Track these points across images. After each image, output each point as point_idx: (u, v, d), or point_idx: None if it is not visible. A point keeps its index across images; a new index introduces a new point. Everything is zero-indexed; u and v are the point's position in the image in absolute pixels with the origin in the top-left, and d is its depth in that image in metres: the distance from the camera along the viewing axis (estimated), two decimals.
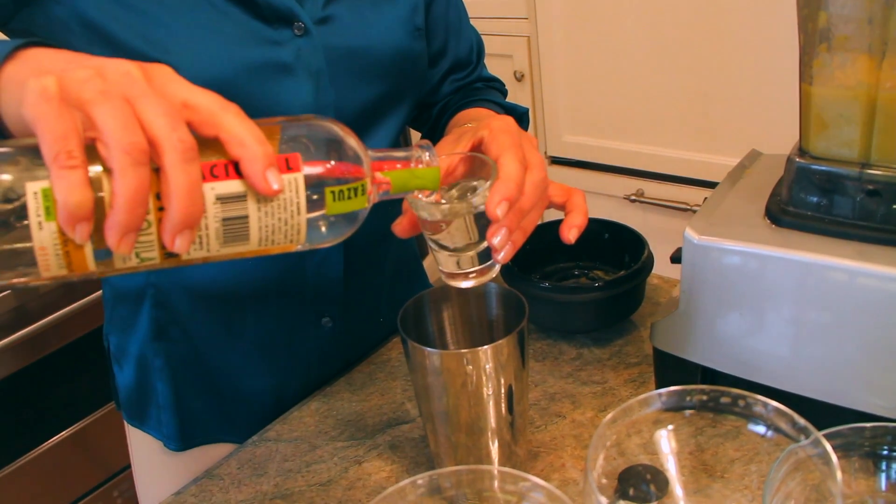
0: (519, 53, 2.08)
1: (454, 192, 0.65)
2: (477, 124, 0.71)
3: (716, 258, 0.69)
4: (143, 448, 0.97)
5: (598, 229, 0.99)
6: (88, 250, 0.43)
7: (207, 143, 0.45)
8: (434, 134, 1.02)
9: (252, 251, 0.49)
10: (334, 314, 0.91)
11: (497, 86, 1.05)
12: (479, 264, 0.64)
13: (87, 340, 1.78)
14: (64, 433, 1.80)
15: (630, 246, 0.95)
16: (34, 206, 0.41)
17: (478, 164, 0.66)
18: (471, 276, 0.64)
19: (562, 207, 0.71)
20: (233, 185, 0.45)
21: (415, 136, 2.47)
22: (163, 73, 0.45)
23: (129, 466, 1.88)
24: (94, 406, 1.85)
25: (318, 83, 0.79)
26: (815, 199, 0.68)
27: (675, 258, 0.74)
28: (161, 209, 0.43)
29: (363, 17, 0.83)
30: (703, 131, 1.81)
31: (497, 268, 0.65)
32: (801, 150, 0.69)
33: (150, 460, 0.97)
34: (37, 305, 1.68)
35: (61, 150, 0.39)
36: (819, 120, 0.67)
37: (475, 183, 0.64)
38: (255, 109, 0.74)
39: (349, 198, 0.50)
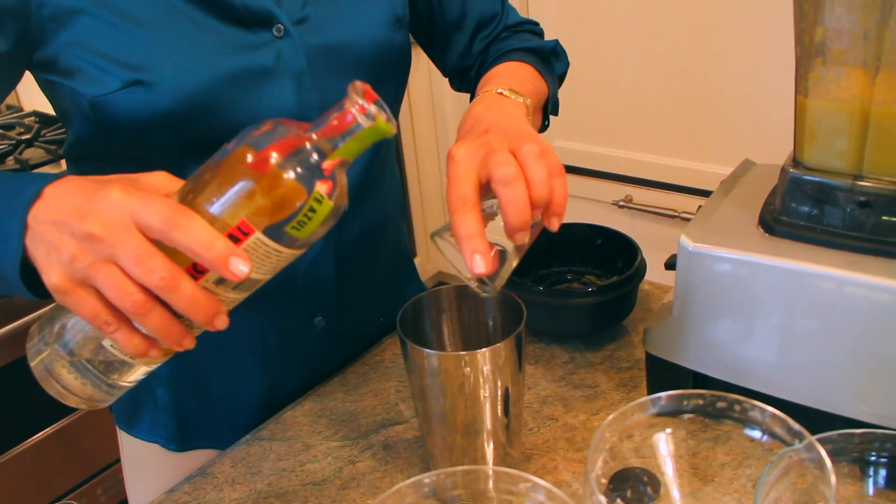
0: None
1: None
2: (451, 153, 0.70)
3: (710, 265, 0.70)
4: (134, 448, 0.97)
5: (590, 235, 1.00)
6: (163, 350, 0.54)
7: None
8: None
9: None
10: (327, 313, 0.92)
11: (527, 27, 1.02)
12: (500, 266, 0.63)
13: None
14: (48, 430, 1.79)
15: (623, 252, 0.96)
16: (117, 353, 0.54)
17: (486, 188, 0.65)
18: (498, 280, 0.64)
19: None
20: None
21: (406, 119, 2.48)
22: (113, 211, 0.50)
23: (113, 464, 1.88)
24: None
25: (299, 84, 0.80)
26: (807, 209, 0.69)
27: (670, 265, 0.75)
28: None
29: (342, 13, 0.83)
30: (692, 139, 1.83)
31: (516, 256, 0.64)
32: (795, 161, 0.70)
33: (142, 461, 0.97)
34: (24, 300, 1.67)
35: (100, 323, 0.51)
36: (813, 131, 0.69)
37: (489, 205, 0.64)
38: (239, 115, 0.75)
39: (312, 213, 0.51)
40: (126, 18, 0.71)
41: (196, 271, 0.50)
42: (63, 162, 1.81)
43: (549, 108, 0.93)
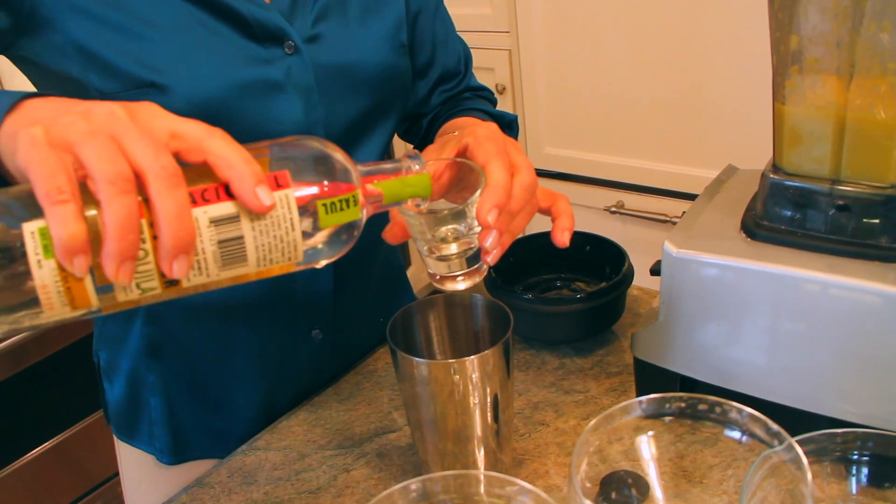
0: (500, 67, 2.11)
1: (442, 202, 0.68)
2: (461, 132, 0.73)
3: (694, 271, 0.71)
4: (132, 460, 0.98)
5: (579, 242, 1.01)
6: (89, 285, 0.44)
7: (198, 171, 0.47)
8: (425, 145, 1.04)
9: (252, 273, 0.50)
10: (324, 326, 0.93)
11: (486, 94, 1.07)
12: (468, 267, 0.66)
13: (71, 351, 1.79)
14: (47, 444, 1.80)
15: (611, 258, 0.97)
16: (32, 246, 0.42)
17: (465, 171, 0.68)
18: (459, 278, 0.67)
19: (547, 212, 0.74)
20: (225, 207, 0.47)
21: (402, 148, 2.49)
22: (147, 109, 0.47)
23: (112, 477, 1.89)
24: (77, 417, 1.85)
25: (307, 100, 0.81)
26: (788, 214, 0.70)
27: (655, 271, 0.76)
28: (156, 237, 0.45)
29: (350, 34, 0.84)
30: (681, 145, 1.85)
31: (485, 269, 0.67)
32: (775, 167, 0.72)
33: (140, 472, 0.98)
34: None
35: (52, 187, 0.41)
36: (791, 138, 0.70)
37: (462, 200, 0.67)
38: (247, 127, 0.76)
39: (341, 209, 0.52)
40: (142, 21, 0.72)
41: (202, 198, 0.46)
42: None
43: None
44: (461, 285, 0.67)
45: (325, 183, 0.51)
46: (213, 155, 0.46)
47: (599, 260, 1.00)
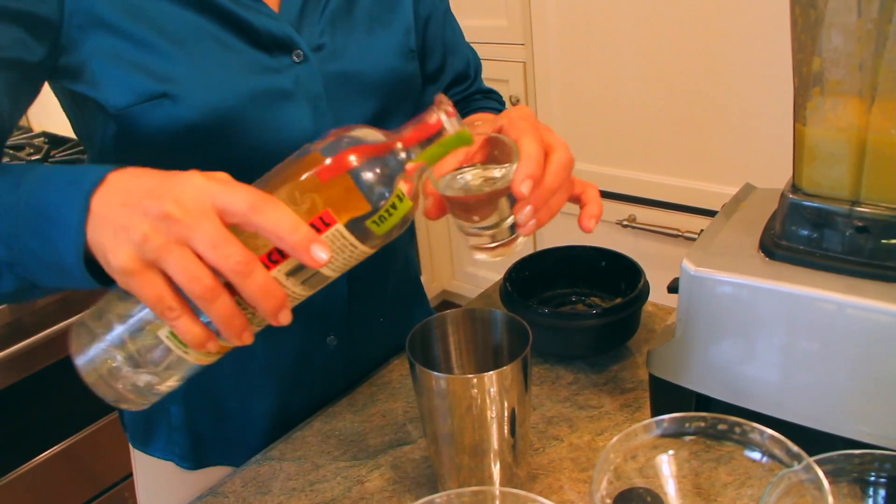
0: (515, 79, 2.12)
1: (478, 171, 0.68)
2: (495, 116, 0.74)
3: (711, 289, 0.71)
4: (148, 467, 0.99)
5: (595, 256, 1.02)
6: (219, 345, 0.54)
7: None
8: None
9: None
10: (339, 333, 0.94)
11: (495, 97, 1.10)
12: (505, 238, 0.67)
13: None
14: (57, 447, 1.80)
15: (626, 274, 0.98)
16: (173, 345, 0.54)
17: (499, 147, 0.69)
18: (496, 249, 0.68)
19: (577, 199, 0.76)
20: (294, 262, 0.52)
21: None
22: (192, 192, 0.50)
23: (120, 482, 1.89)
24: (87, 420, 1.86)
25: (316, 107, 0.82)
26: (806, 234, 0.71)
27: (672, 288, 0.76)
28: None
29: (358, 42, 0.86)
30: (695, 159, 1.85)
31: (521, 240, 0.68)
32: (794, 187, 0.72)
33: (156, 478, 0.98)
34: (32, 320, 1.69)
35: (163, 309, 0.50)
36: (812, 158, 0.70)
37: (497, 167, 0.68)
38: (257, 134, 0.78)
39: (391, 214, 0.53)
40: (155, 32, 0.73)
41: (270, 261, 0.51)
42: None
43: None
44: (496, 256, 0.68)
45: (369, 198, 0.53)
46: (262, 229, 0.49)
47: (615, 275, 1.00)
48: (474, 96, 1.07)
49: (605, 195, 2.03)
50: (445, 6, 1.02)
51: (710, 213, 1.81)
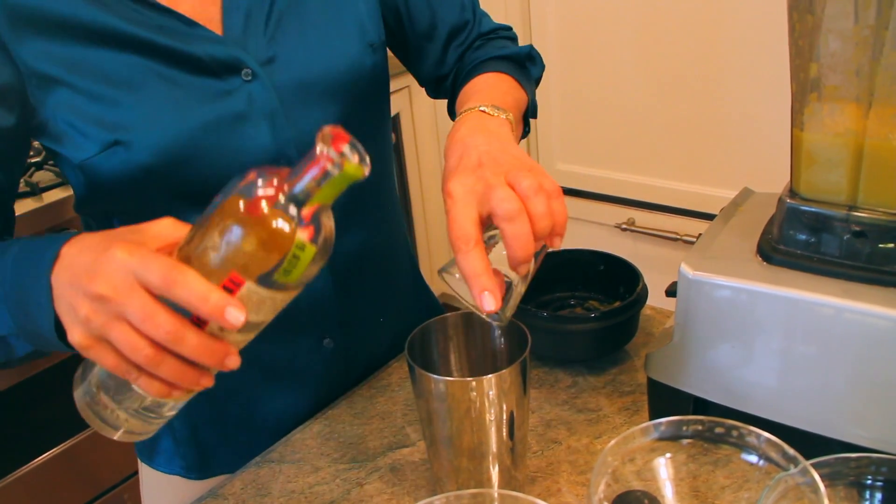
0: None
1: None
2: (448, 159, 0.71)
3: (709, 293, 0.72)
4: (153, 478, 0.99)
5: (593, 260, 1.02)
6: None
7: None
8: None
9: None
10: (334, 334, 0.94)
11: (501, 34, 1.02)
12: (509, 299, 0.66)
13: (79, 358, 1.79)
14: (55, 450, 1.80)
15: (625, 277, 0.98)
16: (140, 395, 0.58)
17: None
18: (507, 314, 0.66)
19: None
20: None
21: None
22: (118, 270, 0.53)
23: (119, 483, 1.89)
24: (85, 424, 1.85)
25: (273, 123, 0.81)
26: (804, 238, 0.71)
27: (671, 292, 0.77)
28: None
29: (309, 47, 0.83)
30: (694, 163, 1.85)
31: (520, 288, 0.66)
32: (792, 192, 0.72)
33: (161, 489, 0.99)
34: None
35: (121, 372, 0.55)
36: (809, 163, 0.71)
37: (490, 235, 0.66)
38: (216, 161, 0.78)
39: (295, 265, 0.53)
40: (100, 81, 0.74)
41: (201, 320, 0.53)
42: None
43: (528, 113, 0.93)
44: (497, 317, 0.66)
45: (270, 253, 0.52)
46: (179, 300, 0.52)
47: (613, 279, 1.00)
48: (475, 44, 0.99)
49: (604, 199, 2.04)
50: None
51: (709, 217, 1.81)
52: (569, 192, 2.11)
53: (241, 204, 0.52)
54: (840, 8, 0.66)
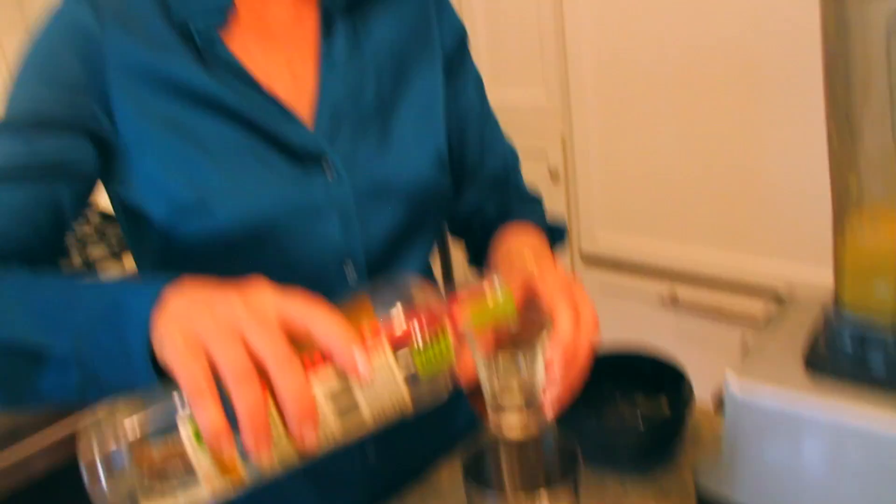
0: (553, 151, 2.12)
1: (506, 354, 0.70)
2: (524, 256, 0.76)
3: (757, 407, 0.72)
4: None
5: (639, 364, 1.03)
6: (236, 458, 0.52)
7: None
8: (479, 250, 1.04)
9: (370, 425, 0.57)
10: (376, 442, 0.95)
11: (533, 208, 1.06)
12: (528, 417, 0.69)
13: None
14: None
15: (671, 379, 0.99)
16: (185, 431, 0.51)
17: (532, 307, 0.71)
18: (516, 430, 0.69)
19: None
20: (333, 378, 0.53)
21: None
22: (259, 296, 0.54)
23: None
24: None
25: (345, 220, 0.84)
26: (850, 353, 0.71)
27: (718, 404, 0.78)
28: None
29: (389, 153, 0.88)
30: (738, 233, 1.83)
31: (543, 419, 0.69)
32: (837, 305, 0.73)
33: None
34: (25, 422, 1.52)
35: (194, 387, 0.50)
36: (853, 275, 0.71)
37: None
38: (286, 247, 0.81)
39: (433, 345, 0.56)
40: (196, 147, 0.78)
41: (311, 361, 0.53)
42: (123, 258, 1.86)
43: None
44: (517, 434, 0.69)
45: (415, 326, 0.56)
46: (317, 332, 0.53)
47: (659, 378, 1.01)
48: (512, 206, 1.04)
49: (646, 271, 2.02)
50: (482, 101, 1.03)
51: (753, 289, 1.80)
52: (610, 264, 2.11)
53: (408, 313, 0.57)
54: (877, 117, 0.67)
